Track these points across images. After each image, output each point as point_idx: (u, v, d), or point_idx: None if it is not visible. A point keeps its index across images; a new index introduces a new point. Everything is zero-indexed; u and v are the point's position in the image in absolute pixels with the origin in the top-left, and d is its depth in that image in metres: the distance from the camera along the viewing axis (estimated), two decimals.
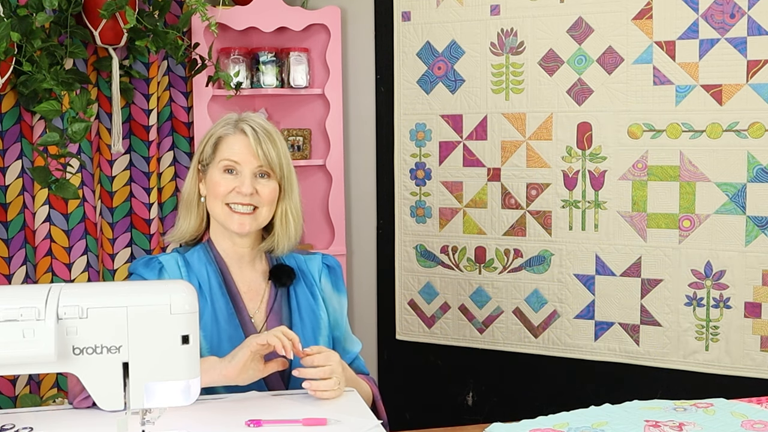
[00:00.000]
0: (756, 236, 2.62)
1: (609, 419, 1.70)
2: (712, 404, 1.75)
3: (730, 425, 1.63)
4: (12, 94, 2.50)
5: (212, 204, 1.78)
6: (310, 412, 1.53)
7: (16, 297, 1.20)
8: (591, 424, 1.68)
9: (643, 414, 1.72)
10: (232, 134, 1.77)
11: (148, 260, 1.79)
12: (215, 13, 2.98)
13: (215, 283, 1.76)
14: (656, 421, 1.68)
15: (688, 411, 1.74)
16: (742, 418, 1.68)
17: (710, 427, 1.63)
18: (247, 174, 1.74)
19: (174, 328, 1.22)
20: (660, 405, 1.78)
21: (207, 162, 1.79)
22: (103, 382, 1.22)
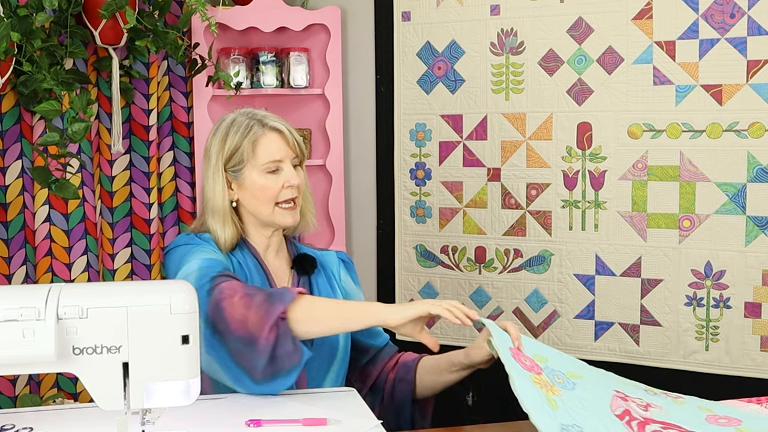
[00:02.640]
0: (756, 236, 2.62)
1: (585, 375, 1.68)
2: (682, 397, 1.75)
3: (695, 417, 1.61)
4: (12, 94, 2.50)
5: (260, 207, 1.78)
6: (310, 412, 1.53)
7: (16, 297, 1.20)
8: (566, 372, 1.67)
9: (615, 385, 1.71)
10: (265, 134, 1.77)
11: (194, 234, 1.79)
12: (215, 13, 2.99)
13: (252, 264, 1.78)
14: (626, 395, 1.67)
15: (658, 396, 1.74)
16: (708, 412, 1.66)
17: (675, 414, 1.61)
18: (289, 167, 1.78)
19: (174, 328, 1.22)
20: (633, 384, 1.77)
21: (240, 167, 1.77)
22: (103, 382, 1.22)
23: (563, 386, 1.62)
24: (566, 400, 1.57)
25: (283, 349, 1.56)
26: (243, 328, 1.55)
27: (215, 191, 1.79)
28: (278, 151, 1.77)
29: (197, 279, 1.62)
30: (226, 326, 1.56)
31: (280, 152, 1.77)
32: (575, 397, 1.60)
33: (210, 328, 1.58)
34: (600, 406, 1.59)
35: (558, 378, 1.65)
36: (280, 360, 1.56)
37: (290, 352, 1.56)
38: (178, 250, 1.75)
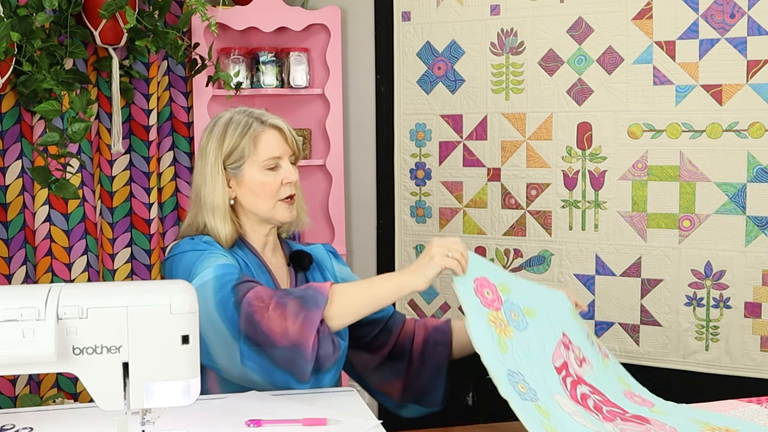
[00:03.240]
0: (756, 236, 2.62)
1: (538, 312, 1.72)
2: (608, 356, 1.80)
3: (614, 388, 1.69)
4: (12, 94, 2.50)
5: (259, 203, 1.78)
6: (310, 412, 1.53)
7: (16, 297, 1.19)
8: (523, 308, 1.72)
9: (564, 324, 1.75)
10: (264, 131, 1.78)
11: (199, 237, 1.77)
12: (215, 13, 2.98)
13: (253, 263, 1.78)
14: (570, 341, 1.72)
15: (593, 349, 1.78)
16: (625, 387, 1.72)
17: (599, 376, 1.69)
18: (288, 164, 1.80)
19: (174, 328, 1.22)
20: (579, 324, 1.80)
21: (240, 164, 1.78)
22: (103, 382, 1.22)
23: (516, 326, 1.67)
24: (515, 344, 1.63)
25: (324, 351, 1.59)
26: (285, 339, 1.57)
27: (215, 189, 1.79)
28: (278, 147, 1.78)
29: (216, 290, 1.61)
30: (267, 339, 1.58)
31: (280, 149, 1.79)
32: (524, 340, 1.65)
33: (246, 342, 1.59)
34: (544, 354, 1.65)
35: (514, 315, 1.69)
36: (323, 360, 1.60)
37: (330, 352, 1.61)
38: (184, 256, 1.73)
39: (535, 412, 1.50)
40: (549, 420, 1.49)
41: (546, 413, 1.51)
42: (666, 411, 1.68)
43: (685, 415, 1.66)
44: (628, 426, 1.57)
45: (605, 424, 1.55)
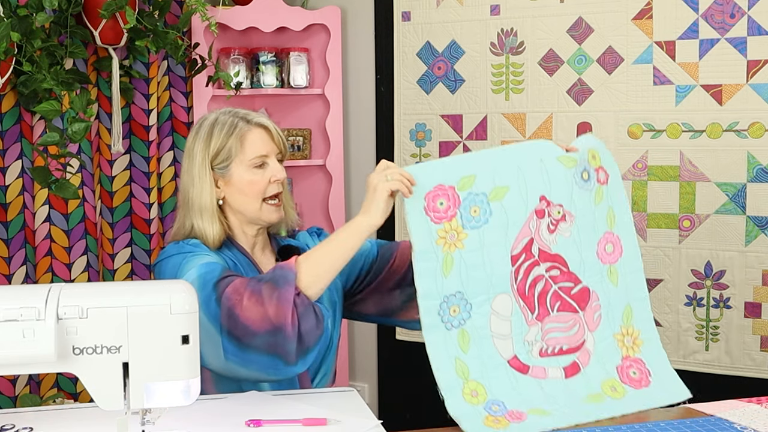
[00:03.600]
0: (756, 236, 2.62)
1: (511, 185, 1.74)
2: (605, 181, 1.80)
3: (590, 237, 1.76)
4: (12, 94, 2.50)
5: (246, 203, 1.78)
6: (310, 412, 1.53)
7: (16, 297, 1.19)
8: (490, 192, 1.74)
9: (547, 183, 1.76)
10: (250, 130, 1.79)
11: (185, 240, 1.77)
12: (215, 13, 2.99)
13: (243, 262, 1.79)
14: (550, 202, 1.74)
15: (586, 185, 1.78)
16: (608, 227, 1.78)
17: (575, 234, 1.75)
18: (275, 162, 1.80)
19: (174, 328, 1.22)
20: (579, 162, 1.78)
21: (227, 163, 1.78)
22: (103, 382, 1.22)
23: (475, 224, 1.71)
24: (465, 252, 1.69)
25: (307, 324, 1.59)
26: (266, 324, 1.57)
27: (203, 189, 1.79)
28: (264, 146, 1.79)
29: (199, 289, 1.61)
30: (246, 330, 1.58)
31: (266, 147, 1.79)
32: (479, 238, 1.70)
33: (227, 337, 1.59)
34: (503, 244, 1.71)
35: (475, 210, 1.72)
36: (307, 336, 1.60)
37: (314, 325, 1.61)
38: (170, 261, 1.73)
39: (454, 346, 1.66)
40: (466, 353, 1.66)
41: (466, 341, 1.67)
42: (617, 271, 1.76)
43: (630, 296, 1.77)
44: (558, 320, 1.71)
45: (531, 329, 1.69)
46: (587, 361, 1.72)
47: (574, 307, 1.73)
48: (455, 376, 1.66)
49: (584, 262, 1.74)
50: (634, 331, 1.75)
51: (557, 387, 1.68)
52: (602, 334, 1.73)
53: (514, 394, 1.66)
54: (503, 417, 1.64)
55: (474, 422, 1.62)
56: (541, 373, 1.69)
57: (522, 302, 1.71)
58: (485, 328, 1.69)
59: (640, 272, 1.78)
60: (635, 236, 1.80)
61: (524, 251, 1.72)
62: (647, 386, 1.71)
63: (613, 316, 1.74)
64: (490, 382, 1.66)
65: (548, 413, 1.63)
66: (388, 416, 1.76)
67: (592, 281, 1.74)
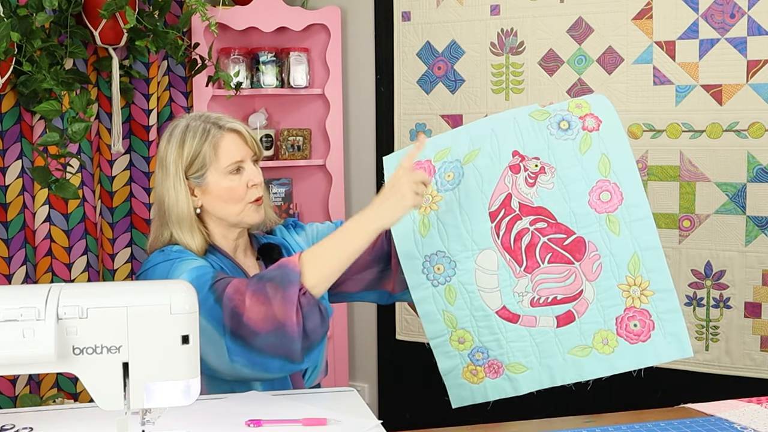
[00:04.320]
0: (756, 236, 2.62)
1: (482, 147, 1.78)
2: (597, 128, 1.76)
3: (580, 186, 1.74)
4: (12, 94, 2.50)
5: (227, 209, 1.75)
6: (310, 412, 1.53)
7: (16, 297, 1.19)
8: (464, 157, 1.80)
9: (520, 140, 1.78)
10: (223, 136, 1.75)
11: (170, 247, 1.75)
12: (215, 13, 2.99)
13: (227, 266, 1.77)
14: (524, 156, 1.77)
15: (567, 135, 1.77)
16: (602, 174, 1.74)
17: (560, 185, 1.75)
18: (252, 166, 1.78)
19: (174, 328, 1.22)
20: (558, 113, 1.78)
21: (203, 172, 1.74)
22: (103, 382, 1.22)
23: (449, 187, 1.79)
24: (441, 213, 1.79)
25: (312, 323, 1.59)
26: (270, 323, 1.57)
27: (178, 200, 1.75)
28: (238, 151, 1.75)
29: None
30: (250, 330, 1.57)
31: (241, 152, 1.76)
32: (454, 200, 1.78)
33: (231, 338, 1.58)
34: (479, 201, 1.76)
35: (448, 175, 1.80)
36: (312, 334, 1.59)
37: (319, 322, 1.60)
38: (156, 269, 1.71)
39: (441, 300, 1.78)
40: (453, 305, 1.78)
41: (453, 296, 1.78)
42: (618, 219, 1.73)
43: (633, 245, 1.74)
44: (549, 271, 1.73)
45: (520, 281, 1.74)
46: (584, 310, 1.73)
47: (568, 258, 1.74)
48: (444, 326, 1.80)
49: (575, 213, 1.74)
50: (643, 281, 1.74)
51: (546, 336, 1.74)
52: (604, 284, 1.72)
53: (500, 344, 1.76)
54: (482, 367, 1.78)
55: (454, 375, 1.78)
56: (532, 321, 1.75)
57: (508, 256, 1.75)
58: (471, 283, 1.77)
59: (648, 219, 1.72)
60: (640, 183, 1.72)
61: (503, 206, 1.76)
62: (645, 341, 1.71)
63: (616, 266, 1.72)
64: (477, 330, 1.77)
65: (524, 369, 1.74)
66: (388, 416, 1.76)
67: (587, 231, 1.73)
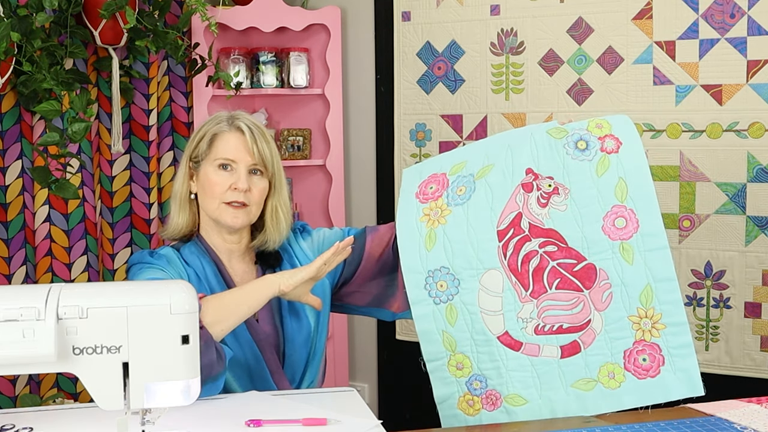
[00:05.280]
0: (756, 236, 2.62)
1: (499, 161, 1.74)
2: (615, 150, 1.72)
3: (595, 209, 1.67)
4: (12, 94, 2.50)
5: (207, 202, 1.78)
6: (310, 412, 1.53)
7: (16, 297, 1.19)
8: (477, 172, 1.76)
9: (536, 157, 1.73)
10: (228, 131, 1.77)
11: (150, 252, 1.80)
12: (215, 13, 2.99)
13: (210, 273, 1.77)
14: (538, 175, 1.71)
15: (583, 156, 1.72)
16: (619, 200, 1.67)
17: (573, 208, 1.68)
18: (242, 171, 1.76)
19: (174, 328, 1.22)
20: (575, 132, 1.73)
21: (200, 158, 1.79)
22: (103, 382, 1.22)
23: (458, 202, 1.74)
24: (449, 228, 1.72)
25: (207, 359, 1.56)
26: None
27: (178, 177, 1.83)
28: (233, 150, 1.76)
29: None
30: None
31: (235, 153, 1.76)
32: (463, 215, 1.72)
33: None
34: (488, 219, 1.70)
35: (460, 189, 1.75)
36: (206, 369, 1.56)
37: (214, 360, 1.58)
38: (132, 268, 1.77)
39: (441, 320, 1.70)
40: (453, 326, 1.69)
41: (454, 316, 1.69)
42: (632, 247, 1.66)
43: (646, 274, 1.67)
44: (557, 298, 1.65)
45: (525, 306, 1.66)
46: (591, 341, 1.65)
47: (577, 285, 1.66)
48: (442, 348, 1.71)
49: (587, 238, 1.66)
50: (655, 313, 1.65)
51: (549, 366, 1.65)
52: (613, 315, 1.65)
53: (499, 372, 1.67)
54: (479, 398, 1.68)
55: (449, 404, 1.68)
56: (535, 350, 1.66)
57: (514, 278, 1.68)
58: (473, 304, 1.69)
59: (664, 250, 1.66)
60: (657, 211, 1.65)
61: (512, 226, 1.69)
62: (653, 377, 1.63)
63: (628, 296, 1.65)
64: (477, 356, 1.68)
65: (524, 402, 1.65)
66: (388, 416, 1.76)
67: (599, 258, 1.65)
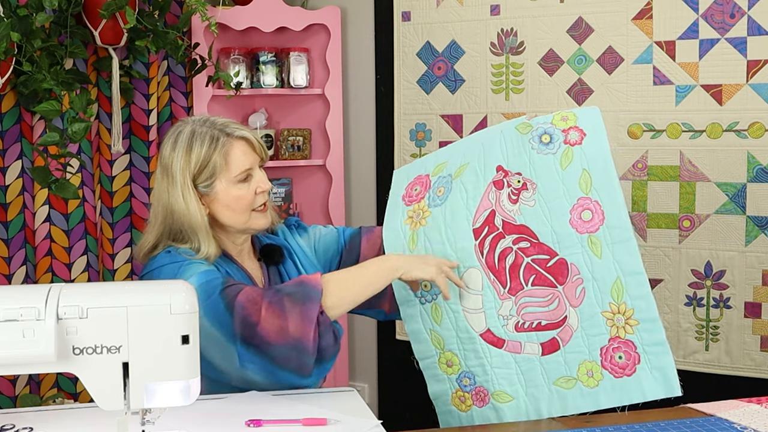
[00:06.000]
0: (756, 236, 2.62)
1: (473, 159, 1.76)
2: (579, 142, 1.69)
3: (562, 204, 1.67)
4: (12, 94, 2.50)
5: (235, 218, 1.75)
6: (310, 412, 1.53)
7: (16, 297, 1.19)
8: (455, 172, 1.79)
9: (504, 154, 1.74)
10: (233, 145, 1.73)
11: (175, 254, 1.72)
12: (215, 13, 2.99)
13: (235, 271, 1.77)
14: (508, 172, 1.72)
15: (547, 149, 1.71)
16: (583, 192, 1.66)
17: (542, 203, 1.69)
18: (259, 172, 1.78)
19: (174, 328, 1.22)
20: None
21: (212, 181, 1.72)
22: (103, 382, 1.22)
23: (438, 202, 1.76)
24: (428, 229, 1.76)
25: (326, 342, 1.60)
26: (285, 337, 1.57)
27: (190, 210, 1.71)
28: (248, 159, 1.74)
29: (203, 297, 1.60)
30: (263, 340, 1.58)
31: (249, 160, 1.75)
32: (441, 216, 1.75)
33: (243, 345, 1.58)
34: (464, 218, 1.72)
35: (439, 190, 1.78)
36: (324, 351, 1.60)
37: (332, 342, 1.62)
38: (163, 270, 1.69)
39: (428, 319, 1.75)
40: (439, 325, 1.73)
41: (439, 315, 1.74)
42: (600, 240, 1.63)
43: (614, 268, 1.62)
44: (533, 294, 1.66)
45: (504, 304, 1.68)
46: (568, 338, 1.63)
47: (551, 281, 1.65)
48: (431, 347, 1.75)
49: (556, 233, 1.65)
50: (627, 309, 1.60)
51: (532, 363, 1.66)
52: (587, 311, 1.62)
53: (485, 369, 1.70)
54: (470, 394, 1.72)
55: (443, 401, 1.73)
56: (517, 347, 1.67)
57: (492, 276, 1.69)
58: (456, 303, 1.72)
59: (630, 242, 1.60)
60: (622, 202, 1.62)
61: (486, 224, 1.71)
62: (630, 375, 1.59)
63: (600, 291, 1.61)
64: (464, 353, 1.72)
65: (510, 399, 1.67)
66: (388, 416, 1.76)
67: (569, 253, 1.63)
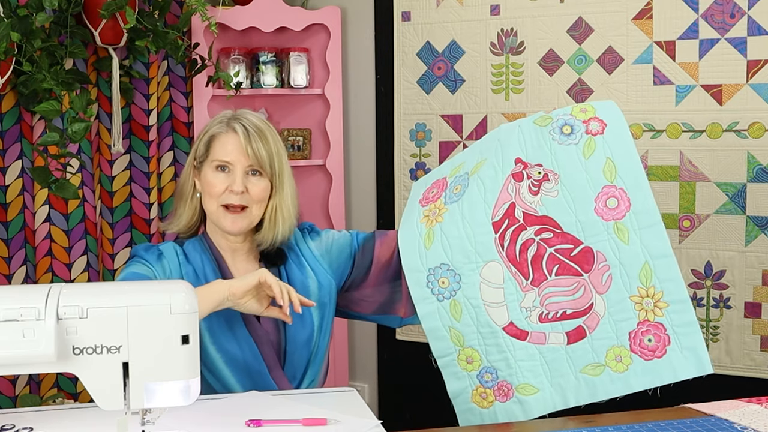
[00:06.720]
0: (756, 236, 2.62)
1: (491, 155, 1.76)
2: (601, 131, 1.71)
3: (586, 193, 1.67)
4: (12, 94, 2.50)
5: (207, 203, 1.79)
6: (310, 412, 1.53)
7: (16, 297, 1.19)
8: (471, 169, 1.79)
9: (523, 147, 1.74)
10: (224, 133, 1.77)
11: (148, 246, 1.83)
12: (215, 13, 2.99)
13: (210, 271, 1.78)
14: (527, 164, 1.72)
15: (569, 139, 1.72)
16: (608, 180, 1.67)
17: (565, 193, 1.69)
18: (238, 172, 1.75)
19: (174, 328, 1.22)
20: (561, 116, 1.74)
21: (201, 160, 1.80)
22: (103, 382, 1.22)
23: (454, 198, 1.76)
24: (445, 225, 1.75)
25: None
26: None
27: (184, 174, 1.86)
28: (230, 152, 1.75)
29: None
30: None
31: (231, 154, 1.75)
32: (458, 211, 1.74)
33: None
34: (483, 212, 1.72)
35: (456, 188, 1.78)
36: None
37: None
38: (134, 260, 1.81)
39: (446, 316, 1.72)
40: (459, 321, 1.71)
41: (458, 311, 1.72)
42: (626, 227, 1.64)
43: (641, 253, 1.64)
44: (557, 284, 1.66)
45: (527, 296, 1.67)
46: (595, 325, 1.65)
47: (576, 269, 1.66)
48: (450, 344, 1.73)
49: (581, 222, 1.66)
50: (656, 292, 1.63)
51: (557, 353, 1.66)
52: (615, 297, 1.64)
53: (508, 363, 1.68)
54: (492, 390, 1.70)
55: (463, 399, 1.72)
56: (541, 338, 1.67)
57: (513, 268, 1.69)
58: (476, 297, 1.71)
59: (658, 226, 1.63)
60: (648, 187, 1.64)
61: (506, 216, 1.70)
62: (660, 357, 1.63)
63: (627, 276, 1.64)
64: (485, 349, 1.70)
65: (535, 391, 1.66)
66: (388, 416, 1.76)
67: (594, 241, 1.65)
